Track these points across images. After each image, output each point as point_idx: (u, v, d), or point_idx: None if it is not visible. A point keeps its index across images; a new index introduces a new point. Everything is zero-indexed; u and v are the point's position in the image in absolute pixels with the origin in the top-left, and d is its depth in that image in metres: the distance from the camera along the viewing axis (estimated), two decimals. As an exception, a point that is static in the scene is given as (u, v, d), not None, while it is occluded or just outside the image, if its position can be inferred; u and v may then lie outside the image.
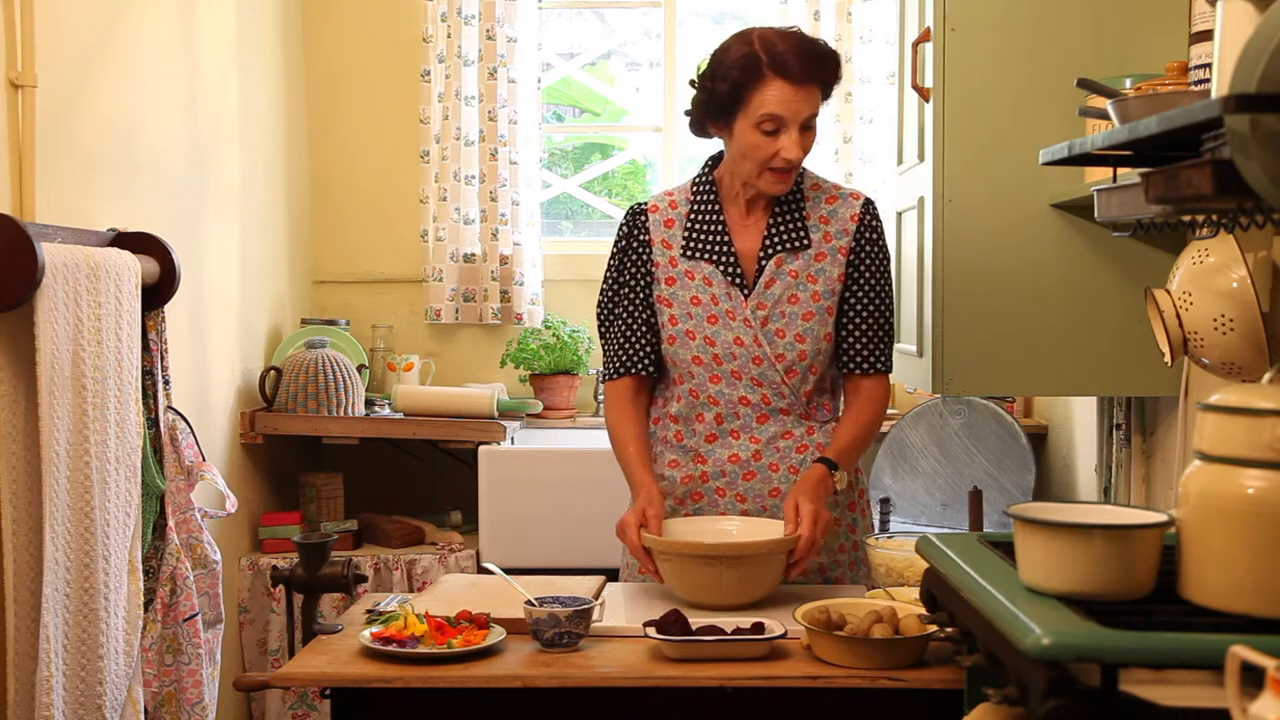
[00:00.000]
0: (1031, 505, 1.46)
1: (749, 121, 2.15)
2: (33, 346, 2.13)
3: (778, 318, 2.24)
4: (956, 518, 3.51)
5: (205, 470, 2.63)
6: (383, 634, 1.88)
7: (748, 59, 2.14)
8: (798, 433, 2.28)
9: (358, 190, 4.17)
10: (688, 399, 2.29)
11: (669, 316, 2.28)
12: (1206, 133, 1.37)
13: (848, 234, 2.26)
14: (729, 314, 2.25)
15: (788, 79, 2.12)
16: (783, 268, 2.25)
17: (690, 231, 2.29)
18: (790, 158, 2.16)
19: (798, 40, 2.16)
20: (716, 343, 2.25)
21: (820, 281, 2.25)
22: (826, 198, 2.29)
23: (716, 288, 2.26)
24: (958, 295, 2.54)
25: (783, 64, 2.13)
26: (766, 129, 2.15)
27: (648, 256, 2.31)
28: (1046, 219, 2.52)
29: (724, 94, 2.16)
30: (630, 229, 2.34)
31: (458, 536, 3.67)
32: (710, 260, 2.27)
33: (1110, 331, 2.52)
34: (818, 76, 2.15)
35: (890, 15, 3.82)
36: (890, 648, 1.76)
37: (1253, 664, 1.05)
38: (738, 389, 2.26)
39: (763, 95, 2.13)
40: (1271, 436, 1.26)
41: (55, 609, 2.15)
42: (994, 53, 2.51)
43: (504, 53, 4.03)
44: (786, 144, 2.15)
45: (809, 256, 2.25)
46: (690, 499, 2.29)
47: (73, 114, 2.55)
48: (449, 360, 4.18)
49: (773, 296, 2.24)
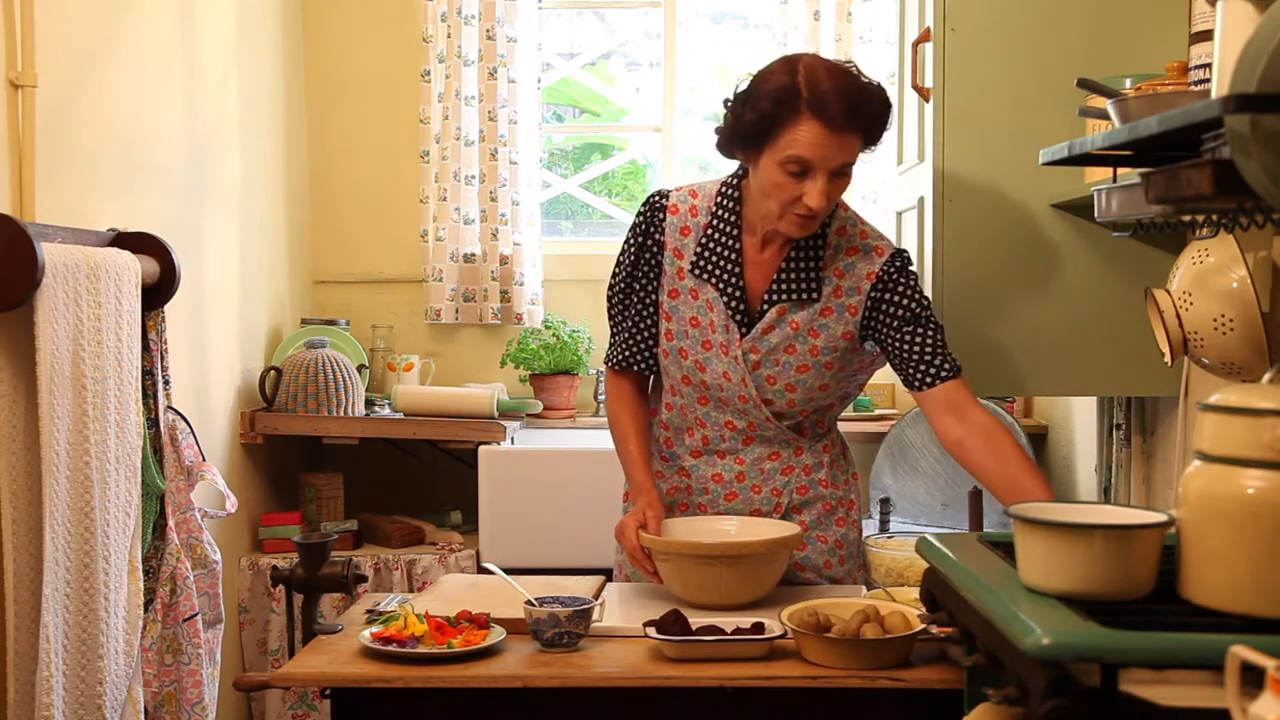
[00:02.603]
0: (1031, 505, 1.46)
1: (775, 158, 2.00)
2: (33, 346, 2.13)
3: (770, 364, 2.16)
4: (956, 518, 3.50)
5: (205, 470, 2.63)
6: (383, 634, 1.88)
7: (786, 91, 1.97)
8: (785, 454, 2.26)
9: (358, 190, 4.17)
10: (678, 410, 2.27)
11: (666, 331, 2.22)
12: (1206, 133, 1.37)
13: (860, 293, 2.13)
14: (723, 347, 2.17)
15: (824, 122, 1.96)
16: (784, 316, 2.14)
17: (703, 249, 2.18)
18: (813, 205, 2.00)
19: (845, 80, 1.99)
20: (707, 370, 2.19)
21: (822, 336, 2.15)
22: (848, 248, 2.15)
23: (716, 315, 2.17)
24: (958, 295, 2.54)
25: (822, 104, 1.96)
26: (792, 170, 1.99)
27: (659, 258, 2.23)
28: (1046, 219, 2.52)
29: (752, 124, 2.00)
30: (647, 224, 2.22)
31: (458, 536, 3.67)
32: (716, 286, 2.17)
33: (1110, 331, 2.51)
34: (859, 124, 1.99)
35: (890, 15, 3.82)
36: (877, 647, 1.76)
37: (1253, 664, 1.05)
38: (724, 414, 2.23)
39: (794, 134, 1.97)
40: (1271, 436, 1.26)
41: (55, 609, 2.15)
42: (994, 53, 2.51)
43: (504, 53, 4.03)
44: (811, 190, 1.99)
45: (815, 310, 2.14)
46: (677, 509, 2.28)
47: (73, 114, 2.55)
48: (449, 360, 4.18)
49: (768, 344, 2.15)
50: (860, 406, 3.97)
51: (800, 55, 2.06)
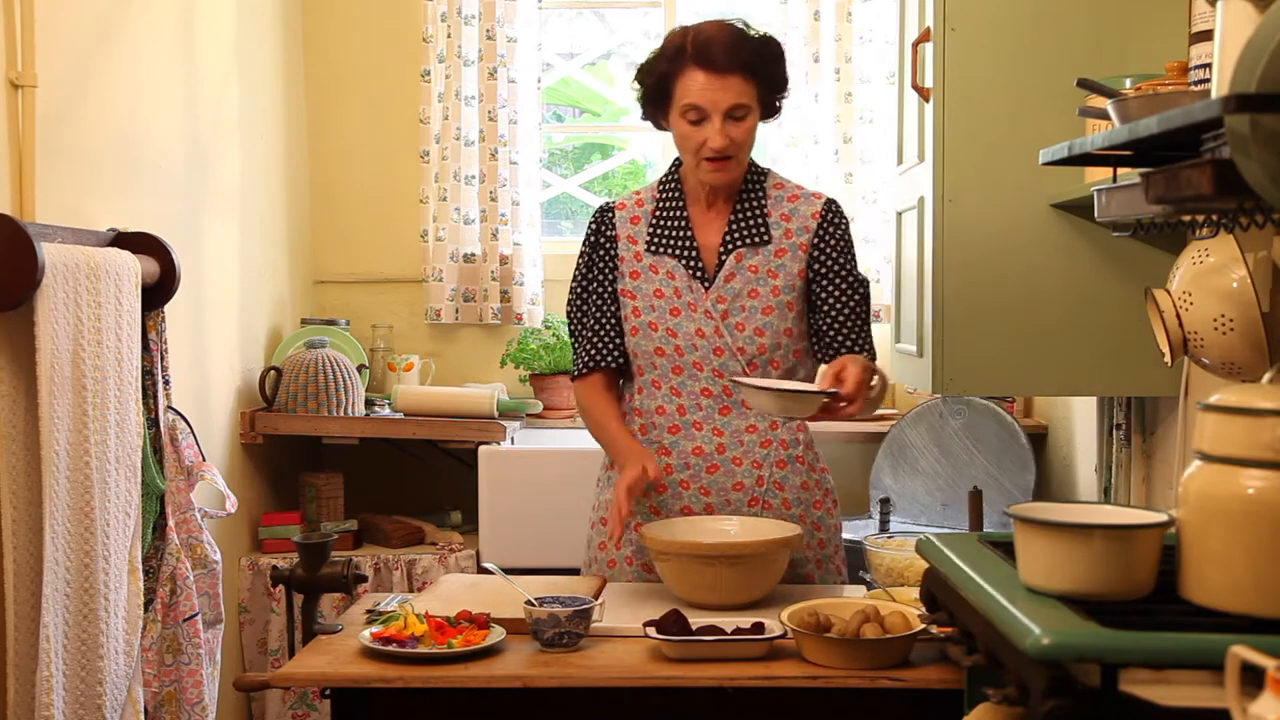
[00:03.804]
0: (1031, 505, 1.46)
1: (676, 111, 2.22)
2: (33, 346, 2.13)
3: (738, 311, 2.26)
4: (956, 518, 3.50)
5: (205, 470, 2.63)
6: (383, 634, 1.88)
7: (673, 50, 2.20)
8: (762, 427, 2.30)
9: (358, 190, 4.17)
10: (650, 390, 2.32)
11: (632, 309, 2.31)
12: (1206, 133, 1.37)
13: (809, 231, 2.29)
14: (690, 306, 2.27)
15: (705, 68, 2.17)
16: (743, 262, 2.28)
17: (655, 227, 2.33)
18: (715, 147, 2.19)
19: (727, 32, 2.20)
20: (678, 334, 2.27)
21: (780, 276, 2.28)
22: (789, 196, 2.33)
23: (679, 281, 2.29)
24: (957, 295, 2.54)
25: (703, 53, 2.17)
26: (691, 119, 2.20)
27: (614, 252, 2.34)
28: (1046, 219, 2.52)
29: (653, 86, 2.24)
30: (597, 226, 2.38)
31: (458, 536, 3.67)
32: (673, 255, 2.30)
33: (1110, 331, 2.51)
34: (740, 65, 2.18)
35: (890, 15, 3.81)
36: (876, 647, 1.76)
37: (1253, 664, 1.05)
38: (699, 380, 2.28)
39: (685, 85, 2.19)
40: (1271, 436, 1.27)
41: (55, 609, 2.15)
42: (994, 53, 2.51)
43: (504, 53, 4.03)
44: (710, 133, 2.18)
45: (769, 252, 2.28)
46: (654, 491, 2.29)
47: (73, 114, 2.55)
48: (449, 360, 4.18)
49: (733, 290, 2.27)
50: (860, 406, 3.97)
51: (696, 23, 2.25)
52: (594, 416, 2.35)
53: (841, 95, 3.97)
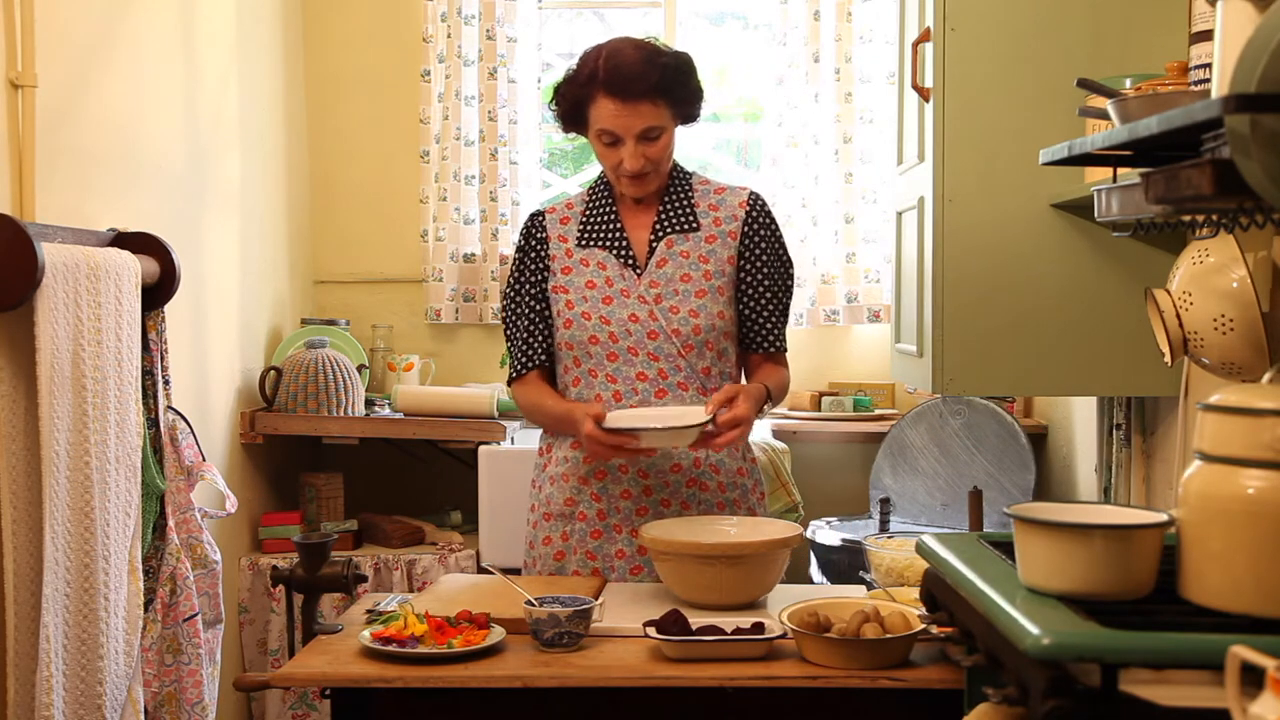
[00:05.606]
0: (1031, 505, 1.46)
1: (592, 134, 2.30)
2: (33, 346, 2.13)
3: (671, 295, 2.31)
4: (956, 518, 3.50)
5: (205, 470, 2.63)
6: (383, 634, 1.88)
7: (585, 76, 2.26)
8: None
9: (358, 190, 4.17)
10: (586, 379, 2.33)
11: (565, 302, 2.34)
12: (1206, 133, 1.37)
13: (736, 219, 2.37)
14: (623, 293, 2.32)
15: (616, 95, 2.22)
16: (674, 248, 2.34)
17: (585, 224, 2.39)
18: (630, 168, 2.26)
19: (635, 56, 2.23)
20: (611, 321, 2.31)
21: (711, 262, 2.34)
22: (715, 189, 2.41)
23: (610, 270, 2.34)
24: (958, 295, 2.54)
25: (612, 80, 2.22)
26: (605, 141, 2.28)
27: (545, 254, 2.39)
28: (1046, 219, 2.52)
29: (568, 112, 2.32)
30: (528, 231, 2.43)
31: (458, 536, 3.67)
32: (604, 246, 2.36)
33: (1110, 331, 2.51)
34: (649, 90, 2.22)
35: (890, 15, 3.82)
36: (876, 647, 1.76)
37: (1253, 664, 1.05)
38: (634, 365, 2.30)
39: (597, 111, 2.26)
40: (1271, 436, 1.27)
41: (55, 609, 2.15)
42: (994, 53, 2.51)
43: (504, 53, 4.03)
44: (625, 156, 2.26)
45: (699, 239, 2.35)
46: (594, 478, 2.31)
47: (73, 114, 2.55)
48: (449, 360, 4.18)
49: (665, 275, 2.32)
50: (860, 406, 3.97)
51: (608, 41, 2.30)
52: (533, 403, 2.37)
53: (841, 95, 3.98)
